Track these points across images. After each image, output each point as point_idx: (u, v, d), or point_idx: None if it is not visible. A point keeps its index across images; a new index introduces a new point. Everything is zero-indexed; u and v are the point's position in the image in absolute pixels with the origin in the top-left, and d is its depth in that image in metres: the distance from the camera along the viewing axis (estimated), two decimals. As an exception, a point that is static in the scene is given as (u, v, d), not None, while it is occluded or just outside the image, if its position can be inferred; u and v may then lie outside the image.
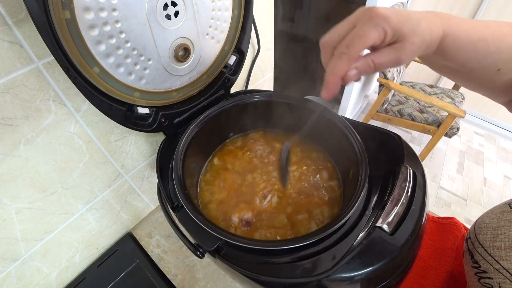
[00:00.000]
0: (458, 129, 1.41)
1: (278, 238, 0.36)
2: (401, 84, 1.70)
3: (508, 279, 0.30)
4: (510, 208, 0.34)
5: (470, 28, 0.25)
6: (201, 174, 0.45)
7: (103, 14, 0.28)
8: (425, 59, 0.30)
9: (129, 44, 0.32)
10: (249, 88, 0.66)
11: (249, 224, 0.38)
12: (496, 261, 0.32)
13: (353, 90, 1.69)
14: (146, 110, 0.38)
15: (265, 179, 0.43)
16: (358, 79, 0.26)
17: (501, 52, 0.26)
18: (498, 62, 0.26)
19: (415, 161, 0.34)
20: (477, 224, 0.38)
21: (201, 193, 0.43)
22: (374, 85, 2.13)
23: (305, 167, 0.45)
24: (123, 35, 0.31)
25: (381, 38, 0.23)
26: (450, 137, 1.44)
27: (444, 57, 0.27)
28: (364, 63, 0.24)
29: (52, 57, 0.30)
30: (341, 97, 1.78)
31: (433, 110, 1.45)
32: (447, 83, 1.97)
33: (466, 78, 0.29)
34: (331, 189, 0.42)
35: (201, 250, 0.29)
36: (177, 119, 0.43)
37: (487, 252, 0.33)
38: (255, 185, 0.43)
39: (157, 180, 0.37)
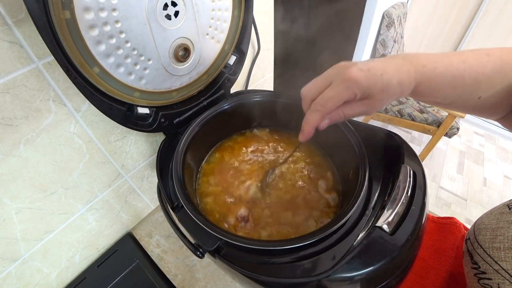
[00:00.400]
0: (458, 129, 1.41)
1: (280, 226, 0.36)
2: (401, 84, 1.69)
3: (507, 280, 0.30)
4: (509, 209, 0.34)
5: (446, 68, 0.26)
6: (201, 174, 0.45)
7: (103, 14, 0.28)
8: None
9: (129, 44, 0.32)
10: (249, 88, 0.66)
11: (246, 220, 0.38)
12: (496, 262, 0.32)
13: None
14: (146, 110, 0.38)
15: (265, 178, 0.43)
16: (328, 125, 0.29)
17: (479, 83, 0.26)
18: (477, 92, 0.27)
19: (415, 161, 0.34)
20: (476, 225, 0.38)
21: (201, 193, 0.43)
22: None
23: (305, 167, 0.45)
24: (123, 35, 0.31)
25: (351, 98, 0.26)
26: (450, 137, 1.44)
27: (421, 97, 0.28)
28: (335, 115, 0.27)
29: (52, 57, 0.30)
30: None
31: (433, 110, 1.45)
32: (447, 83, 1.96)
33: (449, 107, 0.31)
34: (331, 188, 0.42)
35: (201, 250, 0.29)
36: (177, 119, 0.43)
37: (487, 253, 0.33)
38: (254, 183, 0.43)
39: (157, 180, 0.37)
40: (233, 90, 0.50)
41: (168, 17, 0.34)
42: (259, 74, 0.68)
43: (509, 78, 0.26)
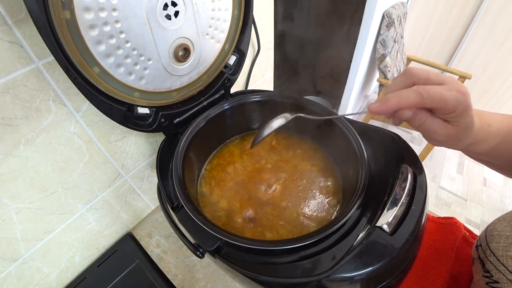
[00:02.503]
0: (458, 129, 1.41)
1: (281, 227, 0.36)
2: (401, 84, 1.69)
3: None
4: None
5: (508, 133, 0.28)
6: (201, 174, 0.45)
7: (103, 14, 0.28)
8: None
9: (129, 44, 0.32)
10: (249, 88, 0.66)
11: (254, 221, 0.38)
12: (510, 272, 0.31)
13: (353, 90, 1.69)
14: (146, 110, 0.38)
15: (266, 178, 0.43)
16: (399, 123, 0.28)
17: None
18: None
19: (415, 161, 0.34)
20: (488, 231, 0.37)
21: (201, 193, 0.43)
22: (374, 85, 2.13)
23: (305, 166, 0.45)
24: (123, 35, 0.30)
25: (448, 112, 0.24)
26: (450, 137, 1.43)
27: (476, 154, 0.29)
28: (420, 116, 0.26)
29: (52, 57, 0.30)
30: (341, 97, 1.78)
31: (433, 110, 1.45)
32: (447, 83, 1.96)
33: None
34: (331, 189, 0.42)
35: (201, 250, 0.29)
36: (177, 119, 0.43)
37: (500, 262, 0.32)
38: (256, 184, 0.43)
39: (157, 180, 0.37)
40: (233, 90, 0.50)
41: (168, 17, 0.34)
42: (259, 74, 0.68)
43: None
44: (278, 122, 0.34)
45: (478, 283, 0.36)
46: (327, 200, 0.40)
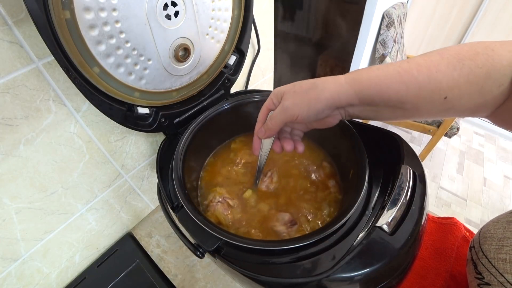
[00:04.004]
0: (458, 129, 1.41)
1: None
2: (401, 84, 1.69)
3: None
4: None
5: (386, 68, 0.26)
6: (201, 174, 0.45)
7: (103, 14, 0.28)
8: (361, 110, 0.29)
9: (129, 44, 0.32)
10: (249, 88, 0.66)
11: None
12: (501, 274, 0.31)
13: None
14: (146, 110, 0.38)
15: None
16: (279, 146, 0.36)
17: (437, 82, 0.24)
18: (439, 92, 0.24)
19: (415, 161, 0.34)
20: (481, 233, 0.37)
21: (201, 193, 0.43)
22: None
23: (305, 165, 0.45)
24: (123, 35, 0.30)
25: (293, 120, 0.30)
26: (450, 137, 1.44)
27: (373, 105, 0.27)
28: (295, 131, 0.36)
29: (52, 57, 0.30)
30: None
31: (433, 110, 1.45)
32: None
33: (417, 114, 0.28)
34: (330, 188, 0.42)
35: (201, 250, 0.29)
36: (177, 119, 0.43)
37: (491, 264, 0.32)
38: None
39: (157, 180, 0.37)
40: (233, 90, 0.50)
41: (168, 17, 0.34)
42: (259, 74, 0.68)
43: (474, 74, 0.23)
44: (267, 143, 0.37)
45: (471, 284, 0.36)
46: (327, 199, 0.40)
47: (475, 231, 0.48)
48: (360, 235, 0.28)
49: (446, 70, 0.24)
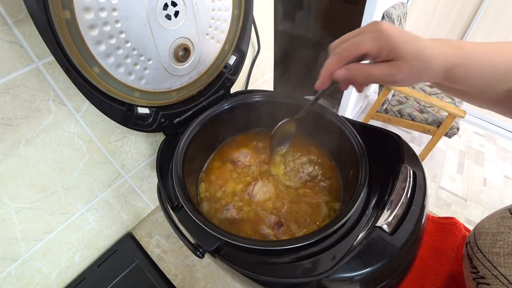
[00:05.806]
0: (458, 129, 1.41)
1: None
2: (401, 84, 1.69)
3: (506, 286, 0.30)
4: (511, 213, 0.34)
5: (483, 56, 0.26)
6: (201, 174, 0.45)
7: (103, 14, 0.28)
8: (436, 84, 0.30)
9: (129, 44, 0.32)
10: (249, 88, 0.66)
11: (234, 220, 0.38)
12: (495, 267, 0.32)
13: (353, 90, 1.68)
14: (146, 110, 0.38)
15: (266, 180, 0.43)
16: (346, 84, 0.29)
17: (509, 73, 0.26)
18: (506, 82, 0.26)
19: (415, 161, 0.34)
20: (477, 229, 0.38)
21: (201, 193, 0.43)
22: (374, 85, 2.13)
23: (305, 165, 0.45)
24: (123, 35, 0.30)
25: (375, 52, 0.24)
26: (450, 137, 1.44)
27: (456, 83, 0.27)
28: (355, 67, 0.26)
29: (52, 57, 0.30)
30: (341, 97, 1.78)
31: (433, 110, 1.45)
32: (447, 83, 1.96)
33: (475, 98, 0.30)
34: (330, 188, 0.42)
35: (201, 250, 0.29)
36: (177, 119, 0.43)
37: (486, 258, 0.33)
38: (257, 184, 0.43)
39: (157, 180, 0.37)
40: (233, 90, 0.50)
41: (168, 17, 0.34)
42: (259, 74, 0.68)
43: None
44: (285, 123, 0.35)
45: (466, 279, 0.37)
46: (326, 199, 0.40)
47: (475, 231, 0.48)
48: (360, 235, 0.28)
49: None
